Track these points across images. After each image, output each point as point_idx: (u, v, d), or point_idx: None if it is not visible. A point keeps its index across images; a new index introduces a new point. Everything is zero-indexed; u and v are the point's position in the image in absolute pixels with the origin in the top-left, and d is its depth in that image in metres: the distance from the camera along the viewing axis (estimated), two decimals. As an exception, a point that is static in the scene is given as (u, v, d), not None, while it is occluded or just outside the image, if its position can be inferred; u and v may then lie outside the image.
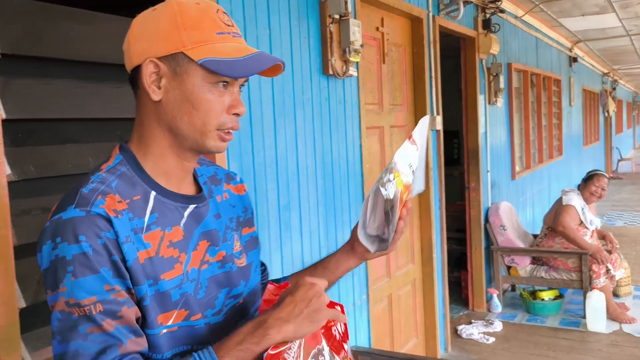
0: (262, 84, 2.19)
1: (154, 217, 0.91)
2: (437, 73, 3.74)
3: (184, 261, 0.93)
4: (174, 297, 0.90)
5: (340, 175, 2.74)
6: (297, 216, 2.41)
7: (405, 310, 3.54)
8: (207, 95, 0.89)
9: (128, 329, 0.84)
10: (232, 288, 1.01)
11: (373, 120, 3.15)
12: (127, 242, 0.85)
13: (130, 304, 0.85)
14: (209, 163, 1.11)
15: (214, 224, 1.00)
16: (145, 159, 0.94)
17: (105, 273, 0.82)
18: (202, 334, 0.94)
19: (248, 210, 1.12)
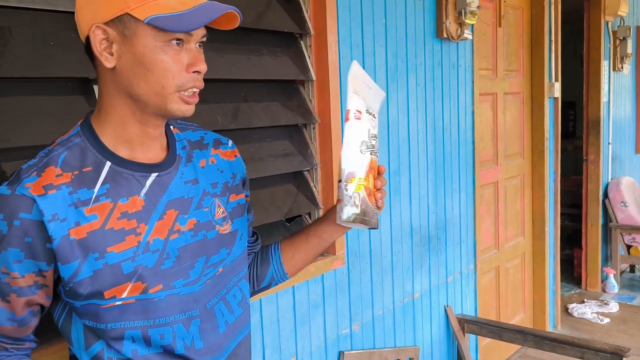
0: (376, 47, 2.19)
1: (104, 189, 0.88)
2: (557, 37, 3.51)
3: (144, 232, 0.90)
4: (126, 270, 0.88)
5: (451, 142, 2.68)
6: (406, 181, 2.41)
7: (513, 284, 3.44)
8: (161, 56, 0.84)
9: (10, 315, 0.89)
10: (209, 256, 0.97)
11: (486, 87, 3.04)
12: (54, 220, 0.84)
13: (23, 292, 0.87)
14: (195, 127, 1.07)
15: (184, 191, 0.96)
16: (104, 128, 0.91)
17: (10, 254, 0.84)
18: (162, 306, 0.91)
19: (237, 176, 1.08)
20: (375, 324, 2.28)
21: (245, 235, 1.08)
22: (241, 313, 1.06)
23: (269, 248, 1.17)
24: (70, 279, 0.87)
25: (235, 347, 1.03)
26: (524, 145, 3.49)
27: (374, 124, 1.01)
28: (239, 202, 1.07)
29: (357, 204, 0.96)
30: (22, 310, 0.91)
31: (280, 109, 1.88)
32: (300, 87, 1.98)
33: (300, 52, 1.94)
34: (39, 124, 1.29)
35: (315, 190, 2.01)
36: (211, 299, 0.99)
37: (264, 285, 1.19)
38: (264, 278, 1.17)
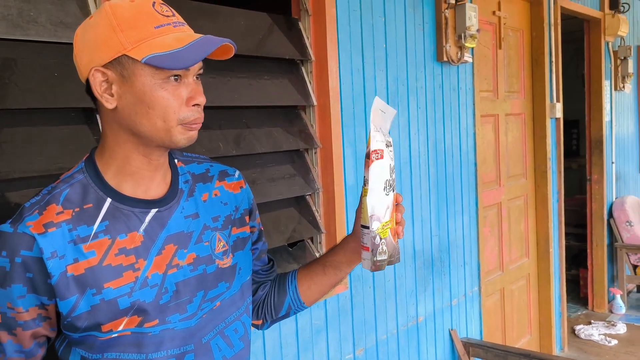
0: (377, 72, 2.21)
1: (103, 225, 0.89)
2: (557, 58, 3.53)
3: (142, 267, 0.91)
4: (122, 305, 0.89)
5: (453, 164, 2.69)
6: (408, 204, 2.41)
7: (518, 305, 3.41)
8: (160, 93, 0.86)
9: (18, 347, 0.91)
10: (207, 290, 0.97)
11: (487, 108, 3.05)
12: (53, 257, 0.85)
13: (28, 325, 0.89)
14: (201, 160, 1.08)
15: (184, 226, 0.96)
16: (107, 164, 0.92)
17: (15, 290, 0.86)
18: (156, 341, 0.92)
19: (240, 208, 1.07)
20: (380, 348, 2.26)
21: (245, 269, 1.06)
22: (242, 348, 1.04)
23: (287, 277, 1.16)
24: (68, 314, 0.88)
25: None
26: (526, 165, 3.49)
27: (391, 154, 0.98)
28: (240, 236, 1.06)
29: (384, 250, 0.94)
30: (29, 343, 0.91)
31: (281, 134, 1.89)
32: (301, 113, 2.00)
33: (301, 78, 1.96)
34: (43, 154, 1.30)
35: (317, 214, 2.01)
36: (207, 333, 0.98)
37: (282, 314, 1.17)
38: (282, 307, 1.16)
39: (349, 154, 2.08)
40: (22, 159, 1.27)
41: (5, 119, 1.27)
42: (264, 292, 1.17)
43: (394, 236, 0.97)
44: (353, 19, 2.09)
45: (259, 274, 1.15)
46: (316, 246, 2.04)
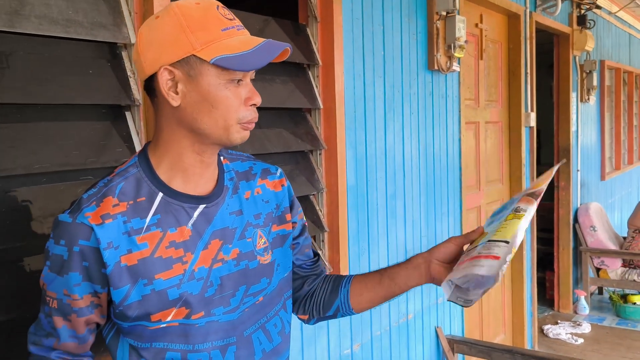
0: (376, 78, 2.31)
1: (155, 219, 0.93)
2: (532, 69, 3.72)
3: (190, 260, 0.94)
4: (171, 296, 0.92)
5: (441, 168, 2.81)
6: (402, 205, 2.51)
7: (494, 306, 3.56)
8: (224, 92, 0.90)
9: (72, 333, 0.95)
10: (249, 285, 1.00)
11: (470, 116, 3.19)
12: (109, 248, 0.89)
13: (82, 312, 0.93)
14: (245, 158, 1.11)
15: (229, 222, 0.99)
16: (160, 160, 0.96)
17: (72, 277, 0.90)
18: (202, 332, 0.95)
19: (281, 206, 1.09)
20: (374, 344, 2.35)
21: (283, 265, 1.08)
22: (280, 342, 1.07)
23: (342, 279, 1.16)
24: (120, 303, 0.91)
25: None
26: (502, 171, 3.66)
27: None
28: (280, 233, 1.08)
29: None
30: (82, 329, 0.95)
31: (289, 135, 1.96)
32: (307, 115, 2.07)
33: (308, 81, 2.03)
34: (73, 148, 1.33)
35: (321, 214, 2.09)
36: (249, 327, 1.01)
37: (329, 314, 1.17)
38: (330, 307, 1.16)
39: (350, 156, 2.17)
40: (53, 152, 1.30)
41: (44, 113, 1.30)
42: (311, 287, 1.18)
43: None
44: (355, 26, 2.18)
45: (303, 268, 1.17)
46: (319, 244, 2.11)
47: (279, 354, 1.07)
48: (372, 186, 2.32)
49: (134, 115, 1.47)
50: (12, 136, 1.23)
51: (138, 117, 1.47)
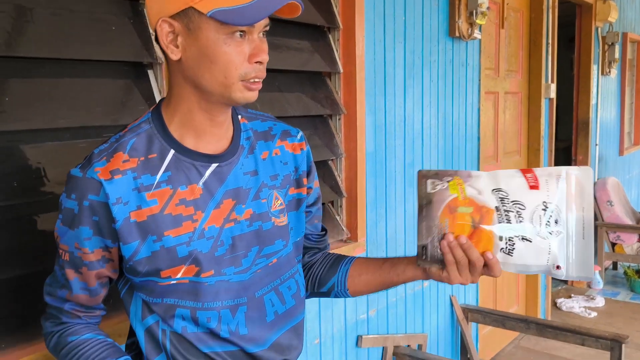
0: (396, 44, 2.27)
1: (166, 176, 0.91)
2: (554, 39, 3.65)
3: (200, 219, 0.93)
4: (181, 254, 0.92)
5: (459, 138, 2.78)
6: (419, 174, 2.49)
7: (508, 277, 3.56)
8: (224, 48, 0.86)
9: (83, 285, 0.96)
10: (263, 247, 0.99)
11: (490, 86, 3.15)
12: (118, 203, 0.88)
13: (93, 266, 0.93)
14: (266, 118, 1.08)
15: (243, 182, 0.98)
16: (172, 116, 0.94)
17: (82, 231, 0.90)
18: (212, 291, 0.95)
19: (299, 169, 1.07)
20: (389, 310, 2.36)
21: (297, 229, 1.07)
22: (293, 305, 1.06)
23: (344, 258, 1.15)
24: (130, 258, 0.91)
25: (281, 336, 1.04)
26: (520, 143, 3.62)
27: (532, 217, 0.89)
28: (296, 197, 1.07)
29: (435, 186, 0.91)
30: (93, 282, 0.96)
31: (308, 99, 1.95)
32: (327, 79, 2.05)
33: (328, 45, 2.01)
34: (96, 106, 1.33)
35: (339, 179, 2.08)
36: (261, 288, 1.00)
37: (323, 291, 1.15)
38: (325, 283, 1.14)
39: (369, 122, 2.15)
40: (73, 109, 1.30)
41: (67, 70, 1.29)
42: (311, 259, 1.17)
43: (443, 224, 0.92)
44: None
45: (309, 240, 1.16)
46: (337, 210, 2.11)
47: (293, 317, 1.07)
48: (391, 153, 2.30)
49: (156, 74, 1.46)
50: (36, 91, 1.23)
51: (160, 76, 1.46)
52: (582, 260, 0.89)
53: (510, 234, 0.89)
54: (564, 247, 0.90)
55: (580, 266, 0.89)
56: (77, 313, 0.99)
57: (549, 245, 0.89)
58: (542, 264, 0.90)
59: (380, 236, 2.28)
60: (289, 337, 1.06)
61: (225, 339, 0.97)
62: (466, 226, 0.91)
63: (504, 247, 0.90)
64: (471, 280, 0.94)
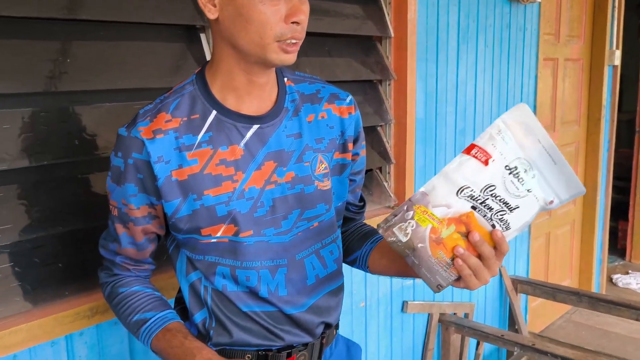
0: (450, 6, 2.21)
1: (207, 136, 0.92)
2: (620, 3, 3.44)
3: (240, 179, 0.93)
4: (220, 213, 0.93)
5: (514, 105, 2.70)
6: (471, 141, 2.45)
7: (562, 250, 3.48)
8: (259, 7, 0.84)
9: (130, 239, 0.99)
10: (304, 210, 0.99)
11: (549, 52, 3.02)
12: (159, 162, 0.90)
13: (139, 221, 0.96)
14: (314, 80, 1.06)
15: (286, 144, 0.97)
16: (214, 77, 0.94)
17: (128, 188, 0.93)
18: (251, 251, 0.96)
19: (345, 134, 1.05)
20: (436, 278, 2.36)
21: (339, 194, 1.07)
22: (335, 269, 1.07)
23: (372, 236, 1.14)
24: (172, 215, 0.94)
25: (320, 299, 1.04)
26: (580, 113, 3.48)
27: (506, 187, 0.83)
28: (341, 162, 1.05)
29: (405, 231, 0.83)
30: (140, 237, 1.00)
31: (358, 64, 1.94)
32: (377, 44, 2.03)
33: (379, 8, 1.98)
34: (151, 68, 1.37)
35: (388, 145, 2.08)
36: (302, 251, 1.00)
37: (348, 260, 1.17)
38: (350, 255, 1.16)
39: (420, 88, 2.12)
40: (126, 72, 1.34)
41: (124, 32, 1.34)
42: (345, 229, 1.18)
43: (437, 248, 0.83)
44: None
45: (348, 210, 1.16)
46: (385, 176, 2.11)
47: (333, 281, 1.07)
48: (442, 120, 2.27)
49: (207, 37, 1.49)
50: (95, 53, 1.28)
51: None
52: (565, 181, 0.85)
53: (498, 217, 0.84)
54: (544, 183, 0.85)
55: (566, 187, 0.85)
56: (127, 266, 1.04)
57: (534, 195, 0.85)
58: (536, 210, 0.86)
59: (429, 204, 2.26)
60: (327, 300, 1.06)
61: (264, 299, 0.99)
62: (460, 241, 0.84)
63: (501, 228, 0.84)
64: (491, 275, 0.87)
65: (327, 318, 1.06)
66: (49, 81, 1.20)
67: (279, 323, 1.00)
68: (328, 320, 1.07)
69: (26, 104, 1.19)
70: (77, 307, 1.24)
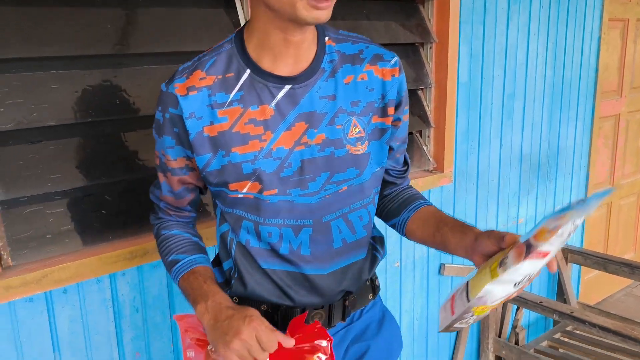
0: (500, -34, 2.15)
1: (238, 95, 0.93)
2: None
3: (268, 139, 0.94)
4: (245, 170, 0.95)
5: (572, 70, 2.60)
6: (520, 106, 2.40)
7: (625, 221, 3.33)
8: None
9: (169, 188, 1.05)
10: (333, 173, 0.98)
11: (617, 11, 2.85)
12: (190, 118, 0.93)
13: (175, 172, 1.01)
14: (358, 40, 1.02)
15: (318, 106, 0.96)
16: (251, 37, 0.95)
17: (166, 140, 0.97)
18: (274, 209, 0.97)
19: (387, 97, 1.00)
20: (477, 242, 2.37)
21: (378, 160, 1.04)
22: (364, 235, 1.06)
23: (412, 203, 1.13)
24: (203, 169, 0.97)
25: (346, 266, 1.05)
26: (654, 77, 3.26)
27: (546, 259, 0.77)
28: (379, 126, 1.02)
29: (467, 322, 0.85)
30: (177, 186, 1.05)
31: (398, 27, 1.94)
32: (419, 6, 2.02)
33: (422, -30, 1.96)
34: (188, 33, 1.47)
35: (428, 109, 2.08)
36: (328, 213, 1.00)
37: (388, 224, 1.18)
38: (388, 220, 1.17)
39: (464, 51, 2.09)
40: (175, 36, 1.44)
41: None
42: (387, 192, 1.17)
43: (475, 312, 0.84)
44: None
45: (389, 174, 1.14)
46: (424, 140, 2.13)
47: (361, 247, 1.07)
48: (488, 84, 2.23)
49: (242, 3, 1.56)
50: (134, 19, 1.39)
51: (246, 5, 1.56)
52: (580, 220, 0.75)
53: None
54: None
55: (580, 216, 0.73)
56: (168, 211, 1.11)
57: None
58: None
59: (471, 168, 2.26)
60: (352, 268, 1.06)
61: (284, 258, 1.01)
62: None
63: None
64: None
65: (349, 286, 1.06)
66: (93, 45, 1.33)
67: (296, 284, 1.02)
68: (349, 288, 1.07)
69: (73, 66, 1.33)
70: (119, 250, 1.39)
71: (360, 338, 1.13)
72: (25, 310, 1.28)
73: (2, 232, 1.27)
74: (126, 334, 1.44)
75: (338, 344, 1.10)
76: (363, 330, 1.14)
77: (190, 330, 0.99)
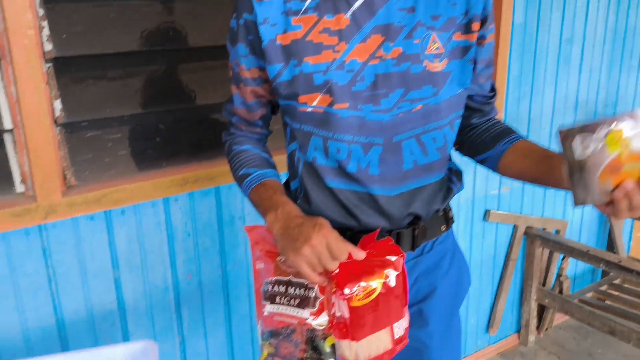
0: None
1: (314, 3, 0.91)
2: None
3: (342, 50, 0.91)
4: (317, 81, 0.92)
5: (637, 14, 2.46)
6: (578, 51, 2.31)
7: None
8: None
9: (242, 100, 1.04)
10: (408, 90, 0.93)
11: (693, -48, 2.66)
12: (264, 24, 0.91)
13: (248, 82, 1.00)
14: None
15: (396, 18, 0.92)
16: None
17: (240, 48, 0.96)
18: (344, 124, 0.93)
19: (469, 13, 0.95)
20: (525, 190, 2.34)
21: (459, 80, 0.98)
22: (437, 159, 1.01)
23: (507, 135, 1.06)
24: (274, 79, 0.95)
25: (416, 189, 1.01)
26: None
27: None
28: (462, 44, 0.96)
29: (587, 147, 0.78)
30: (250, 98, 1.04)
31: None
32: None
33: None
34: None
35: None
36: (400, 133, 0.96)
37: (477, 159, 1.11)
38: (479, 154, 1.10)
39: (520, -10, 2.03)
40: None
41: None
42: (474, 121, 1.11)
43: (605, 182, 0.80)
44: None
45: (474, 100, 1.08)
46: (475, 83, 2.09)
47: (433, 171, 1.02)
48: (544, 27, 2.15)
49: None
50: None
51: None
52: None
53: None
54: None
55: None
56: (240, 126, 1.11)
57: None
58: None
59: (523, 114, 2.21)
60: (422, 193, 1.02)
61: (351, 176, 0.98)
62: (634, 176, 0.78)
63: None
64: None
65: (418, 210, 1.02)
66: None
67: (362, 203, 0.99)
68: (418, 212, 1.02)
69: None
70: (172, 176, 1.46)
71: (429, 274, 1.10)
72: (87, 227, 1.38)
73: (66, 153, 1.36)
74: (179, 256, 1.53)
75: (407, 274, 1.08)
76: (434, 265, 1.10)
77: (260, 242, 0.99)
